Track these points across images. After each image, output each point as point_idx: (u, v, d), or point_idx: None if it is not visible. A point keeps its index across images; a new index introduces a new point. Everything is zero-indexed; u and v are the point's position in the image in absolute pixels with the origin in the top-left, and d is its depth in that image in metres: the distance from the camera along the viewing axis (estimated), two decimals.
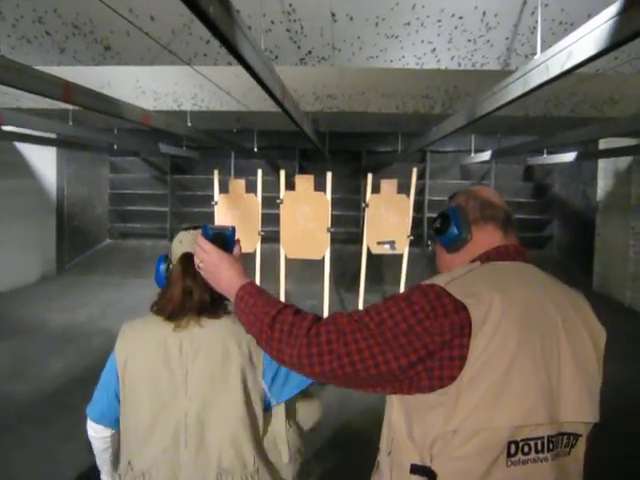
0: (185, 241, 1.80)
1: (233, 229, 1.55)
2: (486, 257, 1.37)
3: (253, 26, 3.27)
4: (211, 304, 1.75)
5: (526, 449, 1.15)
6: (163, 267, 1.87)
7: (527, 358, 1.16)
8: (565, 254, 11.65)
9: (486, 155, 9.58)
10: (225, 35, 1.92)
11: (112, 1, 3.10)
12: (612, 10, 1.87)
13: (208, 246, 1.48)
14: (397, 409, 1.29)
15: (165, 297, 1.78)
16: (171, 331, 1.72)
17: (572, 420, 1.21)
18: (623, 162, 9.25)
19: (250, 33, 2.32)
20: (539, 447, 1.16)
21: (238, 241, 1.57)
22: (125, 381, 1.71)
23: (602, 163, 9.89)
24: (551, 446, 1.17)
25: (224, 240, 1.53)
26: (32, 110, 6.78)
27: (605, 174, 9.85)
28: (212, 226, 1.54)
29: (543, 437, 1.16)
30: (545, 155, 9.80)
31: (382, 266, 9.86)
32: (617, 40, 1.87)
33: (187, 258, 1.73)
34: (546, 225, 12.24)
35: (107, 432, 1.79)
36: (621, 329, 7.18)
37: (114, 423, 1.77)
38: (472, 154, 10.56)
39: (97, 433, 1.79)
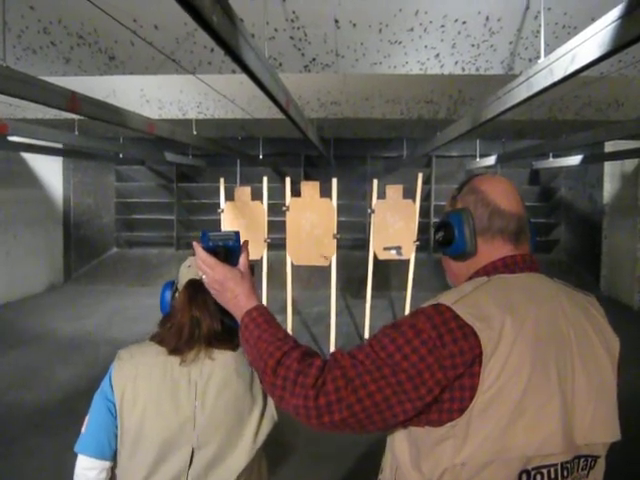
0: (193, 266, 1.65)
1: (237, 236, 1.40)
2: (493, 269, 1.28)
3: (257, 34, 3.28)
4: (224, 332, 1.64)
5: (538, 478, 1.09)
6: (169, 294, 1.74)
7: (541, 384, 1.09)
8: (572, 258, 11.60)
9: (491, 159, 9.58)
10: (228, 44, 1.93)
11: (116, 11, 3.12)
12: (615, 13, 1.87)
13: (210, 260, 1.35)
14: (400, 438, 1.23)
15: (168, 328, 1.66)
16: (177, 364, 1.61)
17: (589, 442, 1.14)
18: (629, 165, 9.24)
19: (253, 41, 2.33)
20: (552, 475, 1.10)
21: (245, 246, 1.42)
22: (124, 414, 1.59)
23: (608, 166, 9.87)
24: (565, 473, 1.11)
25: (227, 251, 1.38)
26: (38, 120, 6.83)
27: (611, 177, 9.84)
28: (213, 234, 1.39)
29: (557, 464, 1.10)
30: (551, 159, 9.79)
31: (389, 272, 9.85)
32: (621, 43, 1.87)
33: (194, 285, 1.63)
34: (553, 229, 12.19)
35: (106, 464, 1.61)
36: (630, 333, 7.12)
37: (113, 455, 1.62)
38: (477, 159, 10.57)
39: (95, 465, 1.59)
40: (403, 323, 1.16)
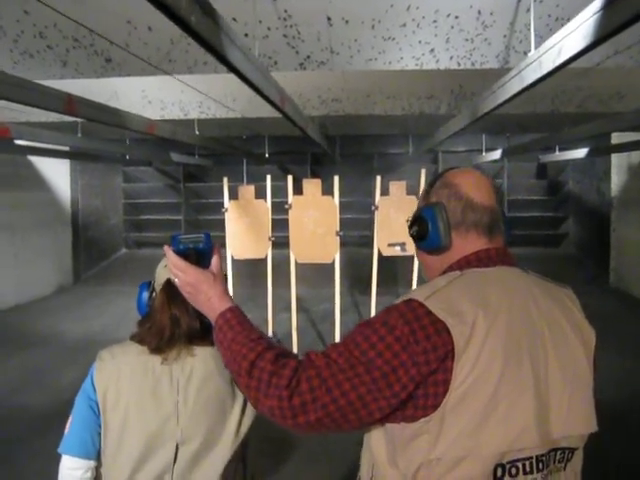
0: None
1: (207, 237, 1.41)
2: (466, 263, 1.28)
3: (250, 33, 3.28)
4: (203, 329, 1.61)
5: (513, 471, 1.09)
6: (146, 294, 1.75)
7: (514, 378, 1.10)
8: (581, 251, 11.53)
9: (497, 154, 9.53)
10: (211, 44, 1.93)
11: (110, 13, 3.13)
12: (598, 4, 1.87)
13: (181, 264, 1.36)
14: (376, 435, 1.23)
15: (147, 328, 1.66)
16: (159, 362, 1.61)
17: (565, 434, 1.14)
18: (637, 156, 9.16)
19: (241, 40, 2.33)
20: (527, 468, 1.10)
21: (217, 248, 1.44)
22: (108, 413, 1.59)
23: (615, 158, 9.79)
24: (541, 465, 1.11)
25: (198, 253, 1.40)
26: (43, 124, 6.87)
27: (619, 169, 9.76)
28: (183, 237, 1.41)
29: (531, 457, 1.10)
30: (557, 152, 9.72)
31: (396, 268, 9.82)
32: (604, 33, 1.87)
33: (172, 284, 1.59)
34: (561, 222, 12.13)
35: (91, 463, 1.61)
36: (638, 324, 7.10)
37: (97, 455, 1.62)
38: (483, 153, 10.52)
39: (79, 465, 1.60)
40: (376, 320, 1.15)
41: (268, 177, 6.91)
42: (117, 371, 1.61)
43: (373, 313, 6.70)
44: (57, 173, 10.41)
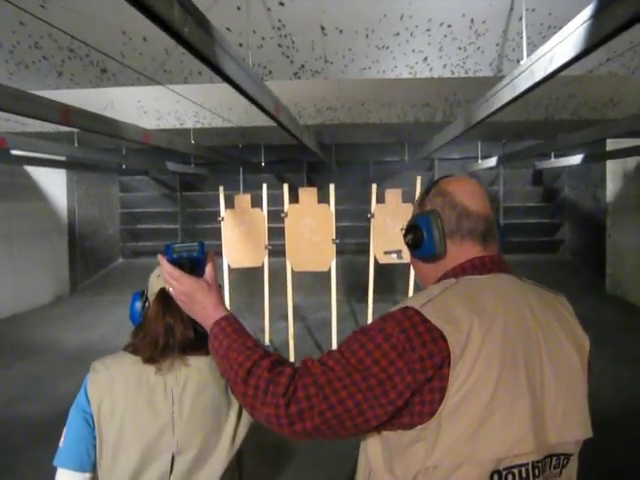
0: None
1: (202, 246, 1.40)
2: (461, 270, 1.28)
3: (245, 43, 3.30)
4: (197, 338, 1.63)
5: (510, 477, 1.09)
6: (139, 304, 1.74)
7: (510, 385, 1.10)
8: (577, 257, 11.55)
9: (492, 161, 9.56)
10: (204, 54, 1.94)
11: (105, 24, 3.15)
12: (587, 12, 1.88)
13: (175, 273, 1.36)
14: (373, 442, 1.23)
15: (141, 337, 1.65)
16: (152, 372, 1.61)
17: (560, 441, 1.14)
18: (632, 163, 9.20)
19: (235, 50, 2.35)
20: (523, 474, 1.10)
21: (211, 256, 1.43)
22: (103, 425, 1.58)
23: (610, 164, 9.82)
24: (537, 472, 1.11)
25: (192, 262, 1.40)
26: (39, 134, 6.88)
27: (614, 175, 9.79)
28: (178, 246, 1.39)
29: (527, 464, 1.10)
30: (553, 159, 9.75)
31: (393, 276, 9.83)
32: (594, 42, 1.88)
33: (166, 293, 1.58)
34: (557, 229, 12.16)
35: (87, 476, 1.59)
36: (636, 331, 7.11)
37: (93, 466, 1.60)
38: (479, 160, 10.54)
39: (75, 478, 1.58)
40: (372, 328, 1.16)
41: (264, 185, 6.93)
42: (111, 382, 1.60)
43: (370, 321, 6.70)
44: (54, 183, 10.39)
